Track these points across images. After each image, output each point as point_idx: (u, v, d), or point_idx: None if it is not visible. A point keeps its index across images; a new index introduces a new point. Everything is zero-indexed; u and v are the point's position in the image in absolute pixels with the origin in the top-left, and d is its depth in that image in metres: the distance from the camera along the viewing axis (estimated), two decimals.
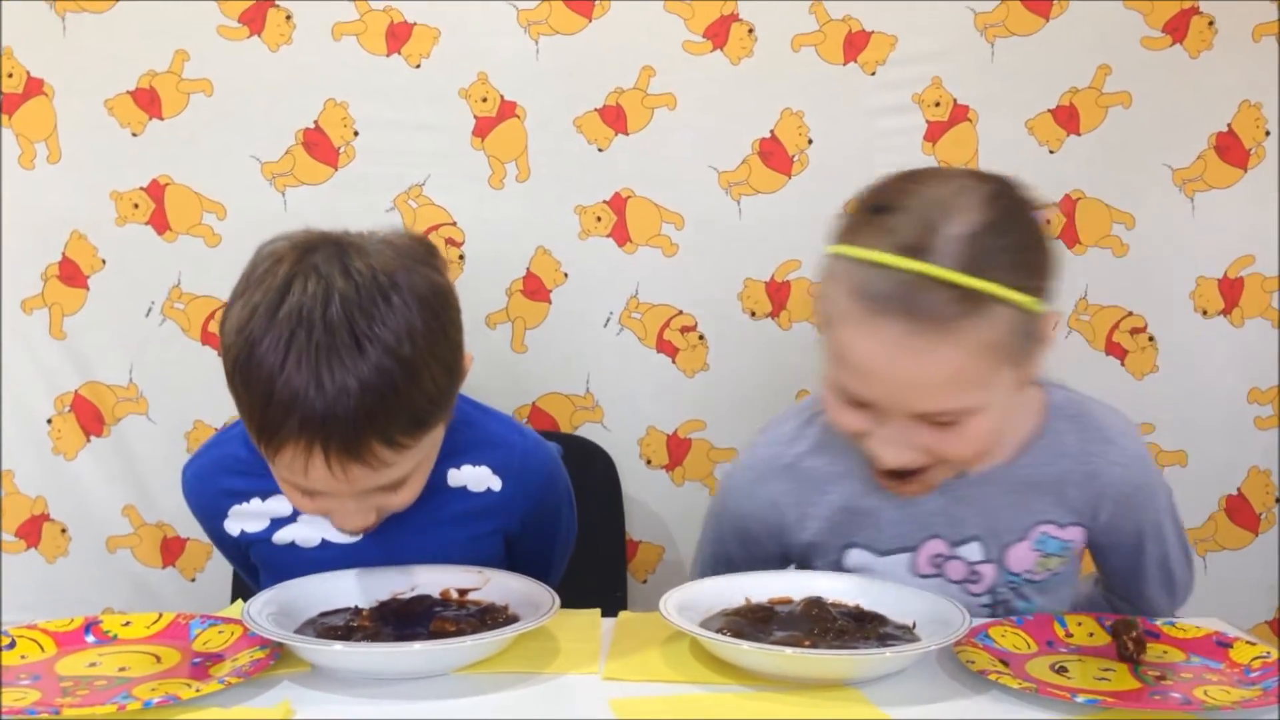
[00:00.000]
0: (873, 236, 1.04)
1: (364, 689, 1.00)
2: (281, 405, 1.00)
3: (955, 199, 1.04)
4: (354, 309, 1.01)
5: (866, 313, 1.04)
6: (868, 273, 1.03)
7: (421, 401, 1.05)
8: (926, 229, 1.02)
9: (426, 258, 1.12)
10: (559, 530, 1.39)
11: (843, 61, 1.81)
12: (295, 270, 1.04)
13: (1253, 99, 1.82)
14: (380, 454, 1.03)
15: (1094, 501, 1.21)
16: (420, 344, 1.04)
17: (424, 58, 1.81)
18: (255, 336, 1.02)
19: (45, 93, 1.81)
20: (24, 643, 1.07)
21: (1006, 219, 1.05)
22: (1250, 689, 0.99)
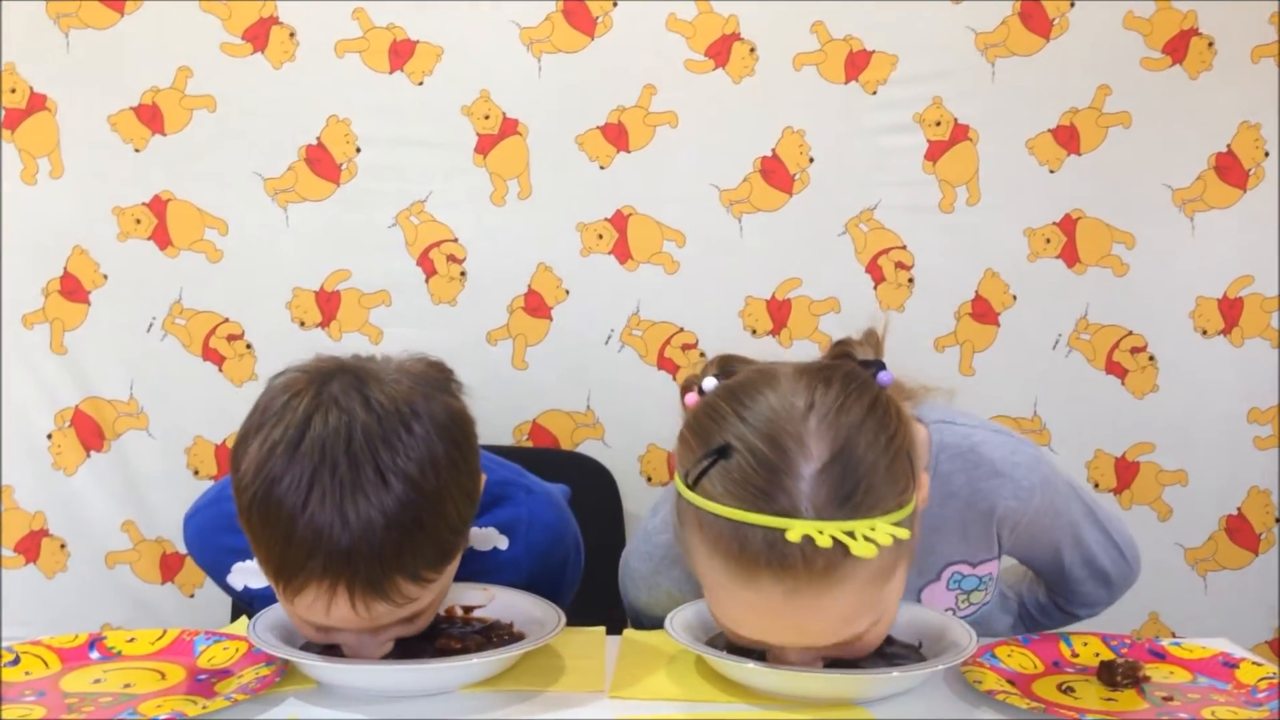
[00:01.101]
0: (721, 488, 0.93)
1: (370, 706, 1.00)
2: (304, 545, 0.96)
3: (800, 426, 0.93)
4: (377, 441, 0.97)
5: (735, 576, 0.93)
6: (730, 529, 0.92)
7: (445, 533, 1.01)
8: (780, 475, 0.91)
9: (444, 384, 1.08)
10: (564, 578, 1.36)
11: (844, 80, 1.82)
12: (315, 404, 0.99)
13: (1252, 119, 1.83)
14: (405, 590, 0.99)
15: (996, 534, 1.18)
16: (443, 474, 1.00)
17: (427, 75, 1.82)
18: (275, 475, 0.97)
19: (48, 108, 1.81)
20: (28, 659, 1.07)
21: (859, 435, 0.94)
22: (1257, 710, 0.99)
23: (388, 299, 1.86)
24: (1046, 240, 1.86)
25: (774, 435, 0.93)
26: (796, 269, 1.86)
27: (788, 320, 1.87)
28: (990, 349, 1.88)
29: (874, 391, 0.99)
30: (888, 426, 0.96)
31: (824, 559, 0.90)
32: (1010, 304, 1.87)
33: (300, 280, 1.85)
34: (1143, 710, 0.99)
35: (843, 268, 1.86)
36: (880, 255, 1.86)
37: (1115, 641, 1.14)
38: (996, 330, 1.88)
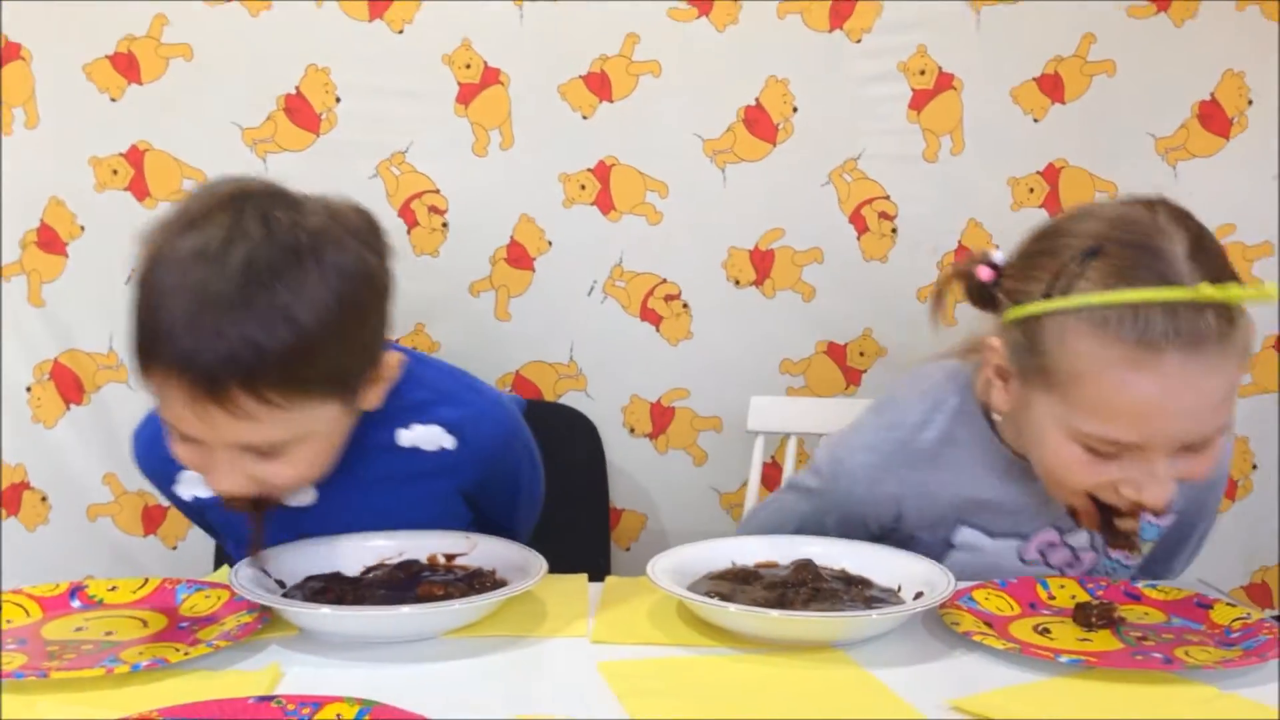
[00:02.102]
0: (1108, 278, 1.01)
1: (352, 652, 1.00)
2: (157, 330, 1.00)
3: (1151, 220, 1.03)
4: (257, 260, 0.99)
5: (1135, 360, 1.00)
6: (1124, 316, 1.00)
7: (303, 368, 1.01)
8: (1156, 255, 1.00)
9: (367, 236, 1.08)
10: (519, 489, 1.37)
11: (828, 29, 1.81)
12: (216, 207, 1.01)
13: (1236, 68, 1.82)
14: (242, 403, 0.99)
15: (1196, 486, 1.19)
16: (324, 317, 1.00)
17: (407, 23, 1.80)
18: (159, 258, 1.01)
19: (23, 57, 1.79)
20: (9, 607, 1.07)
21: (1200, 227, 1.04)
22: (1231, 649, 1.00)
23: None
24: (1030, 190, 1.85)
25: (1133, 228, 1.03)
26: (780, 219, 1.86)
27: (771, 271, 1.87)
28: None
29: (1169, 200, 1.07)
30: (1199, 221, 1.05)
31: (1220, 323, 0.99)
32: None
33: None
34: (1117, 650, 1.00)
35: (826, 218, 1.86)
36: (864, 205, 1.86)
37: (1091, 584, 1.15)
38: None
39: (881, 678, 0.96)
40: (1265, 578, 1.96)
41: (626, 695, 0.92)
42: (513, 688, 0.95)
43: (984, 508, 1.22)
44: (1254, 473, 1.93)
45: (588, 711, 0.90)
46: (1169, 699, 0.92)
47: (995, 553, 1.23)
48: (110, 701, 0.89)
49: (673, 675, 0.97)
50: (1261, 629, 1.02)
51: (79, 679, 0.92)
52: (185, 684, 0.92)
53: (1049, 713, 0.89)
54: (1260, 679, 0.95)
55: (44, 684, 0.91)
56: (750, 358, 1.89)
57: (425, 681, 0.95)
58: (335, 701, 0.84)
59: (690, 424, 1.91)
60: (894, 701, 0.92)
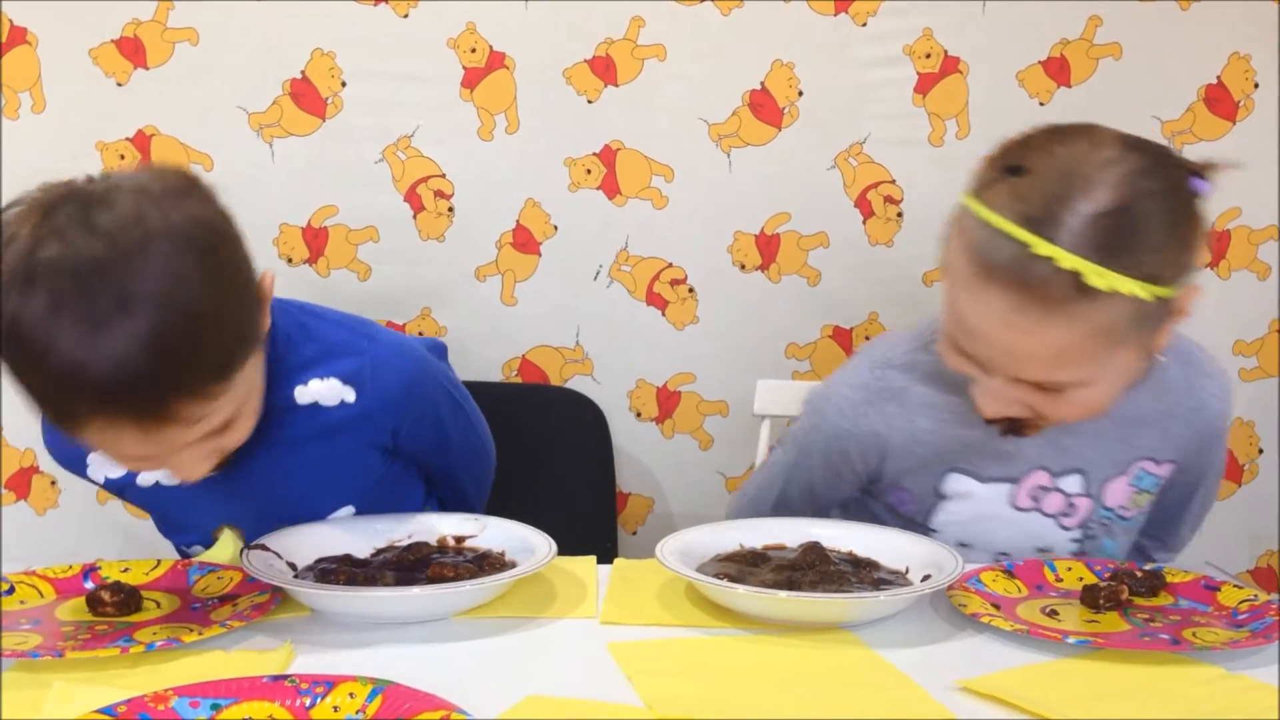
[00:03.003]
0: (999, 198, 1.00)
1: (364, 633, 1.01)
2: (64, 383, 0.92)
3: (1096, 171, 0.98)
4: (109, 270, 0.91)
5: (978, 277, 1.01)
6: (987, 235, 1.00)
7: (218, 344, 0.98)
8: (1055, 201, 0.97)
9: (185, 192, 1.00)
10: (447, 435, 1.32)
11: (834, 12, 1.81)
12: (38, 236, 0.92)
13: (1242, 51, 1.82)
14: (191, 410, 0.96)
15: (1193, 436, 1.22)
16: (197, 286, 0.95)
17: (412, 7, 1.80)
18: (13, 313, 0.92)
19: (29, 41, 1.79)
20: (23, 589, 1.08)
21: (1146, 201, 0.98)
22: (1238, 630, 1.01)
23: (375, 235, 1.85)
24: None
25: (1069, 171, 0.99)
26: (785, 203, 1.86)
27: (776, 255, 1.87)
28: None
29: (1179, 178, 1.02)
30: (1178, 207, 1.01)
31: (1060, 288, 0.97)
32: None
33: (287, 216, 1.84)
34: (1125, 631, 1.01)
35: (832, 202, 1.86)
36: (869, 189, 1.86)
37: (1099, 566, 1.15)
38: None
39: (890, 659, 0.96)
40: (1270, 561, 1.96)
41: (636, 675, 0.93)
42: (523, 668, 0.96)
43: (970, 449, 1.21)
44: (1260, 457, 1.93)
45: (597, 692, 0.90)
46: (1176, 680, 0.92)
47: (987, 499, 1.22)
48: (125, 681, 0.89)
49: (682, 656, 0.98)
50: (1268, 611, 1.03)
51: (94, 659, 0.92)
52: (199, 663, 0.93)
53: (1057, 693, 0.90)
54: (1267, 660, 0.96)
55: (59, 663, 0.92)
56: (756, 342, 1.89)
57: (436, 662, 0.96)
58: (348, 681, 0.85)
59: (696, 408, 1.92)
60: (902, 682, 0.92)
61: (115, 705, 0.82)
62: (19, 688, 0.89)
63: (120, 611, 1.03)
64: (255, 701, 0.83)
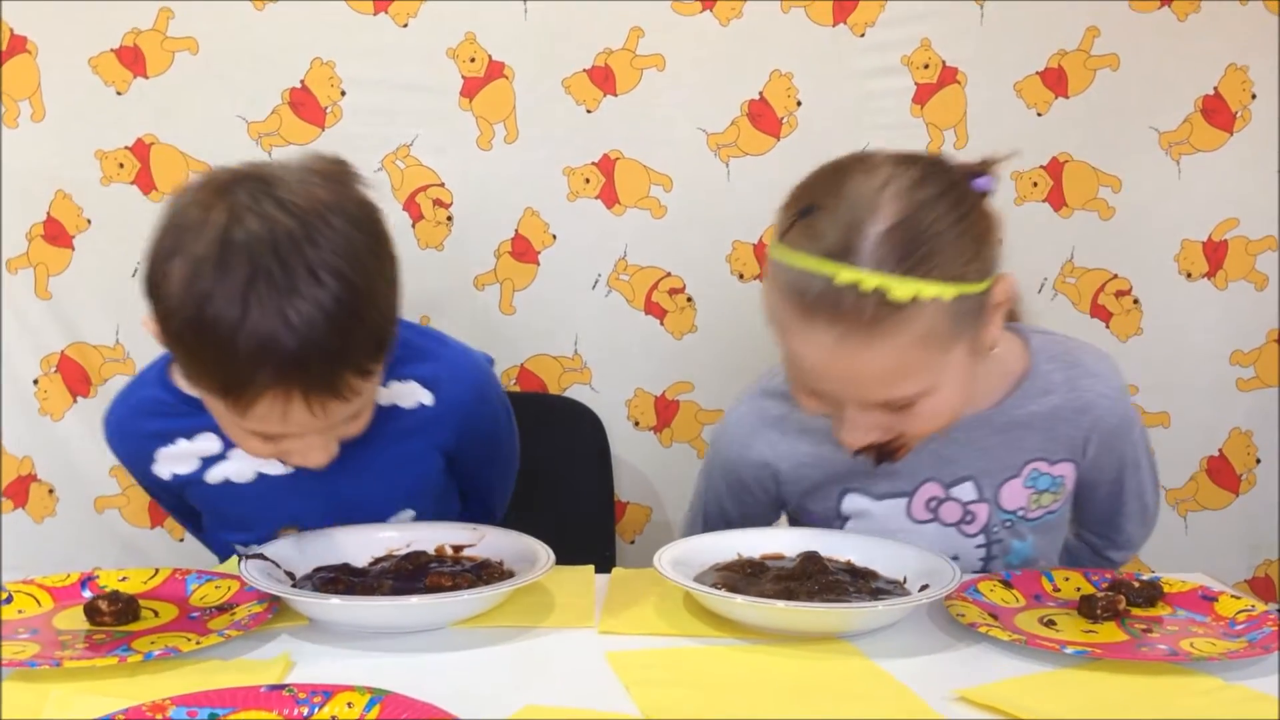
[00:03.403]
0: (799, 239, 1.04)
1: (361, 642, 1.01)
2: (251, 357, 0.96)
3: (877, 194, 1.02)
4: (302, 241, 0.97)
5: (799, 317, 1.04)
6: (795, 276, 1.03)
7: (380, 321, 1.03)
8: (849, 230, 1.01)
9: (346, 176, 1.07)
10: (499, 444, 1.36)
11: (832, 23, 1.81)
12: (229, 214, 0.97)
13: (1240, 62, 1.82)
14: (354, 385, 1.01)
15: (1083, 435, 1.24)
16: (368, 263, 1.01)
17: (411, 17, 1.80)
18: (205, 291, 0.96)
19: (29, 50, 1.79)
20: (21, 598, 1.08)
21: (928, 208, 1.02)
22: (1235, 641, 1.01)
23: None
24: (1034, 184, 1.86)
25: (853, 200, 1.02)
26: None
27: None
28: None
29: (956, 180, 1.07)
30: (960, 207, 1.05)
31: (872, 308, 1.00)
32: None
33: None
34: (1123, 642, 1.01)
35: None
36: None
37: (1096, 577, 1.16)
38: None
39: (888, 669, 0.96)
40: (1269, 571, 1.96)
41: (634, 685, 0.93)
42: (521, 677, 0.96)
43: (858, 469, 1.23)
44: (1258, 467, 1.94)
45: (595, 701, 0.90)
46: (1174, 690, 0.92)
47: (884, 515, 1.25)
48: (123, 690, 0.89)
49: (680, 666, 0.98)
50: (1266, 621, 1.03)
51: (91, 668, 0.92)
52: (197, 673, 0.93)
53: (1054, 704, 0.90)
54: (1264, 670, 0.96)
55: (56, 673, 0.92)
56: (755, 351, 1.88)
57: (434, 671, 0.96)
58: (346, 690, 0.85)
59: (694, 417, 1.92)
60: (901, 692, 0.92)
61: (113, 715, 0.82)
62: (17, 697, 0.89)
63: (118, 621, 1.03)
64: (253, 711, 0.83)
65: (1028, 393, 1.22)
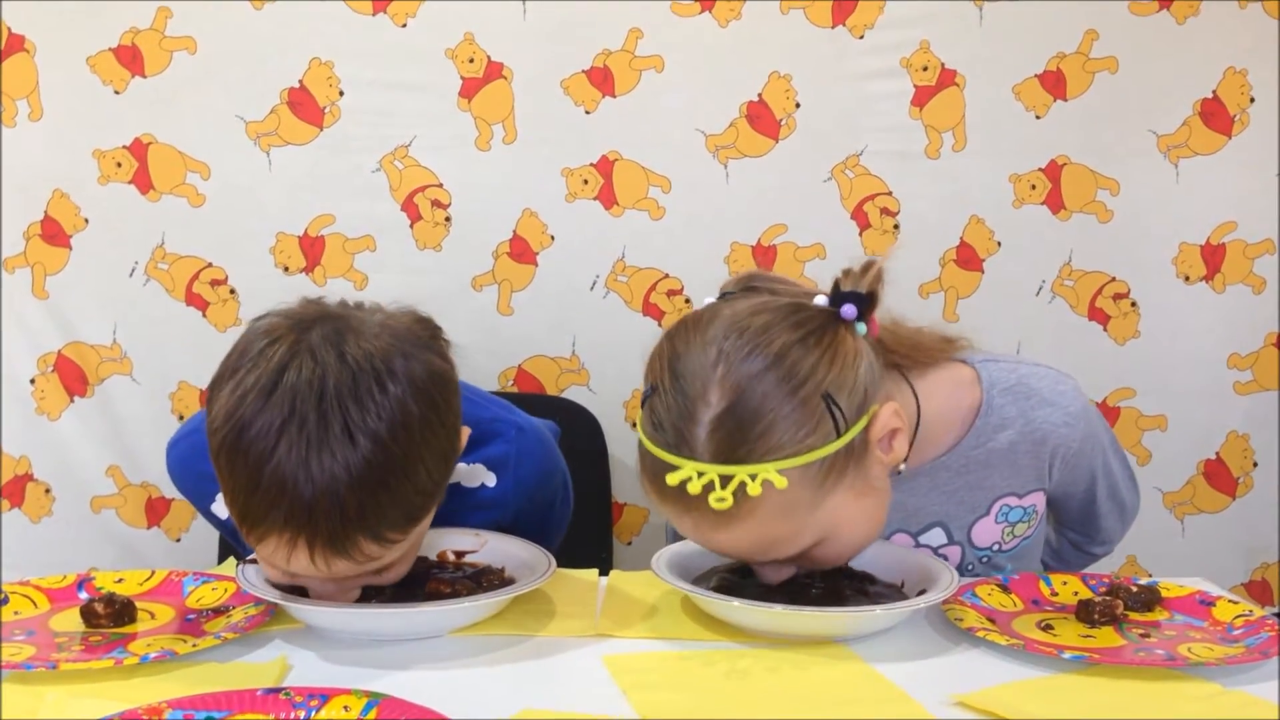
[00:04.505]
0: (647, 424, 1.02)
1: (359, 648, 1.01)
2: (268, 495, 0.95)
3: (702, 375, 0.98)
4: (347, 398, 0.95)
5: (656, 499, 1.02)
6: (651, 461, 1.01)
7: (411, 495, 1.00)
8: (682, 420, 0.98)
9: (429, 341, 1.06)
10: (551, 518, 1.37)
11: (831, 25, 1.81)
12: (291, 352, 0.97)
13: (1238, 65, 1.83)
14: (366, 549, 0.98)
15: (1046, 464, 1.21)
16: (414, 435, 0.98)
17: (410, 17, 1.80)
18: (245, 420, 0.96)
19: (27, 49, 1.79)
20: (17, 599, 1.07)
21: (757, 383, 0.97)
22: (1233, 646, 1.01)
23: (372, 244, 1.85)
24: (1032, 186, 1.86)
25: (684, 382, 1.00)
26: (782, 215, 1.86)
27: (773, 266, 1.87)
28: (974, 295, 1.89)
29: (796, 334, 0.99)
30: (796, 373, 0.97)
31: (718, 500, 0.96)
32: (995, 250, 1.88)
33: (284, 225, 1.84)
34: (1120, 647, 1.00)
35: (828, 214, 1.86)
36: (866, 201, 1.86)
37: (1094, 581, 1.15)
38: (981, 277, 1.89)
39: (886, 673, 0.96)
40: (1266, 575, 1.97)
41: (631, 689, 0.92)
42: (518, 682, 0.96)
43: None
44: (1254, 470, 1.94)
45: (592, 705, 0.90)
46: (1172, 695, 0.92)
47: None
48: (118, 693, 0.89)
49: (677, 669, 0.98)
50: (1264, 626, 1.03)
51: (87, 670, 0.92)
52: (193, 676, 0.93)
53: (1052, 709, 0.90)
54: (1263, 676, 0.96)
55: (53, 675, 0.92)
56: None
57: (432, 675, 0.96)
58: (343, 694, 0.85)
59: None
60: (898, 696, 0.92)
61: (109, 717, 0.82)
62: (13, 699, 0.89)
63: (114, 623, 1.03)
64: (249, 714, 0.83)
65: (982, 431, 1.18)
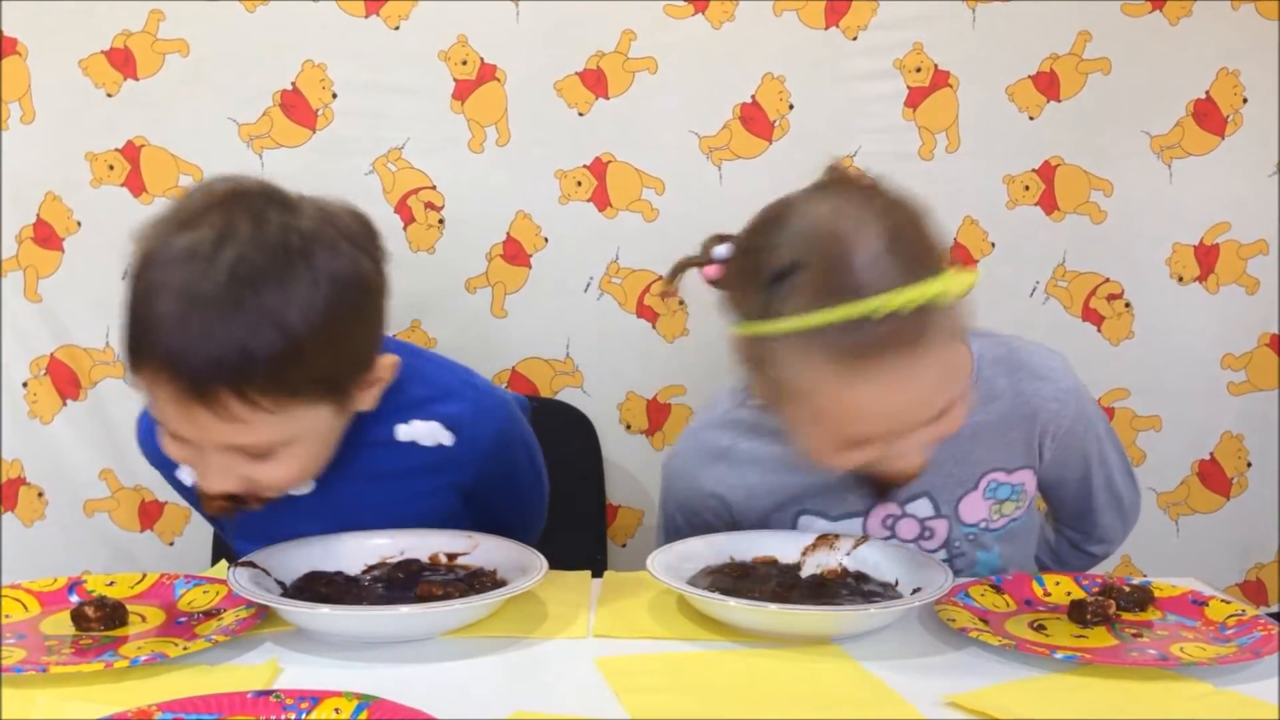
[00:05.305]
0: (801, 302, 1.01)
1: (351, 651, 1.01)
2: (146, 329, 0.99)
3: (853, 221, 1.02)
4: (245, 262, 0.98)
5: (843, 371, 1.01)
6: (825, 333, 1.00)
7: (292, 371, 1.01)
8: (847, 271, 1.00)
9: (362, 240, 1.07)
10: (519, 490, 1.36)
11: (824, 26, 1.81)
12: (210, 207, 1.01)
13: (1231, 66, 1.83)
14: (230, 406, 0.99)
15: (1037, 440, 1.22)
16: (313, 320, 1.00)
17: (403, 19, 1.80)
18: (151, 256, 1.01)
19: (19, 52, 1.78)
20: (8, 602, 1.07)
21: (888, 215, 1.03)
22: (1225, 645, 1.01)
23: None
24: (1025, 187, 1.86)
25: (824, 241, 1.01)
26: None
27: None
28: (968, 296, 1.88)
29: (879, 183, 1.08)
30: (909, 206, 1.06)
31: (913, 324, 0.99)
32: (988, 251, 1.87)
33: None
34: (1112, 646, 1.01)
35: None
36: None
37: (1086, 581, 1.15)
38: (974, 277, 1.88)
39: (878, 673, 0.96)
40: (1260, 575, 1.97)
41: (624, 691, 0.92)
42: (510, 684, 0.96)
43: (810, 491, 1.23)
44: (1249, 470, 1.94)
45: (585, 707, 0.90)
46: (1164, 695, 0.92)
47: None
48: (109, 696, 0.89)
49: (670, 671, 0.98)
50: (1256, 626, 1.03)
51: (78, 673, 0.92)
52: (183, 679, 0.93)
53: (1044, 709, 0.90)
54: (1255, 675, 0.96)
55: (43, 678, 0.92)
56: None
57: (423, 677, 0.96)
58: (333, 696, 0.85)
59: (687, 421, 1.91)
60: (890, 697, 0.92)
61: None
62: (3, 702, 0.89)
63: (105, 626, 1.02)
64: (240, 717, 0.83)
65: (974, 402, 1.18)
